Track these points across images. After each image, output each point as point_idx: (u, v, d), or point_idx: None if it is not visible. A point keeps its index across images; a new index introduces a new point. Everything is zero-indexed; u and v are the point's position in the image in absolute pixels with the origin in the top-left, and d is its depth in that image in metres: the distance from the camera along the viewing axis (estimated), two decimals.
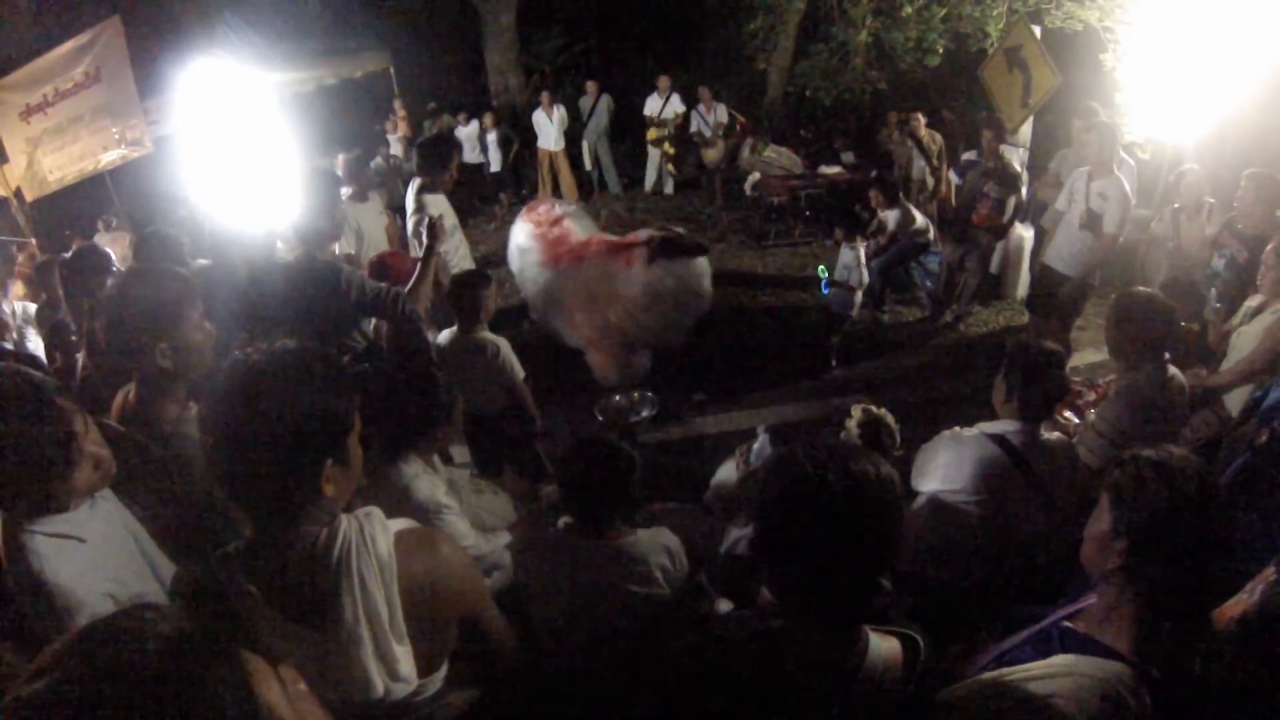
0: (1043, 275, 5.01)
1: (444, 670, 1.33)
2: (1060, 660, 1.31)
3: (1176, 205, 4.71)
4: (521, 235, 5.57)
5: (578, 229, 5.47)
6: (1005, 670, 1.32)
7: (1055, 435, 2.49)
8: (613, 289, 4.79)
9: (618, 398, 4.30)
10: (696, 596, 2.05)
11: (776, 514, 1.11)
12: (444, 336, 3.47)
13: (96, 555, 1.58)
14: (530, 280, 5.43)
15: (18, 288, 5.97)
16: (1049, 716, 1.19)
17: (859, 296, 5.44)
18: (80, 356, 3.64)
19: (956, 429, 2.44)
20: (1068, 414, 3.39)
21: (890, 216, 6.11)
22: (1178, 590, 1.32)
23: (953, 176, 6.48)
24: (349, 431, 1.19)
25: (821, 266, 5.75)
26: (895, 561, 1.10)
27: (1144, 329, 2.74)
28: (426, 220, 3.25)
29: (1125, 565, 1.33)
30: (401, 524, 1.30)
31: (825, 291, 5.53)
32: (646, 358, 5.26)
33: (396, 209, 7.73)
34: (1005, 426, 2.34)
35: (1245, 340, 3.42)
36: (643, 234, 4.63)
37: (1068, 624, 1.43)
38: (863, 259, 5.35)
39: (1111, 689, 1.22)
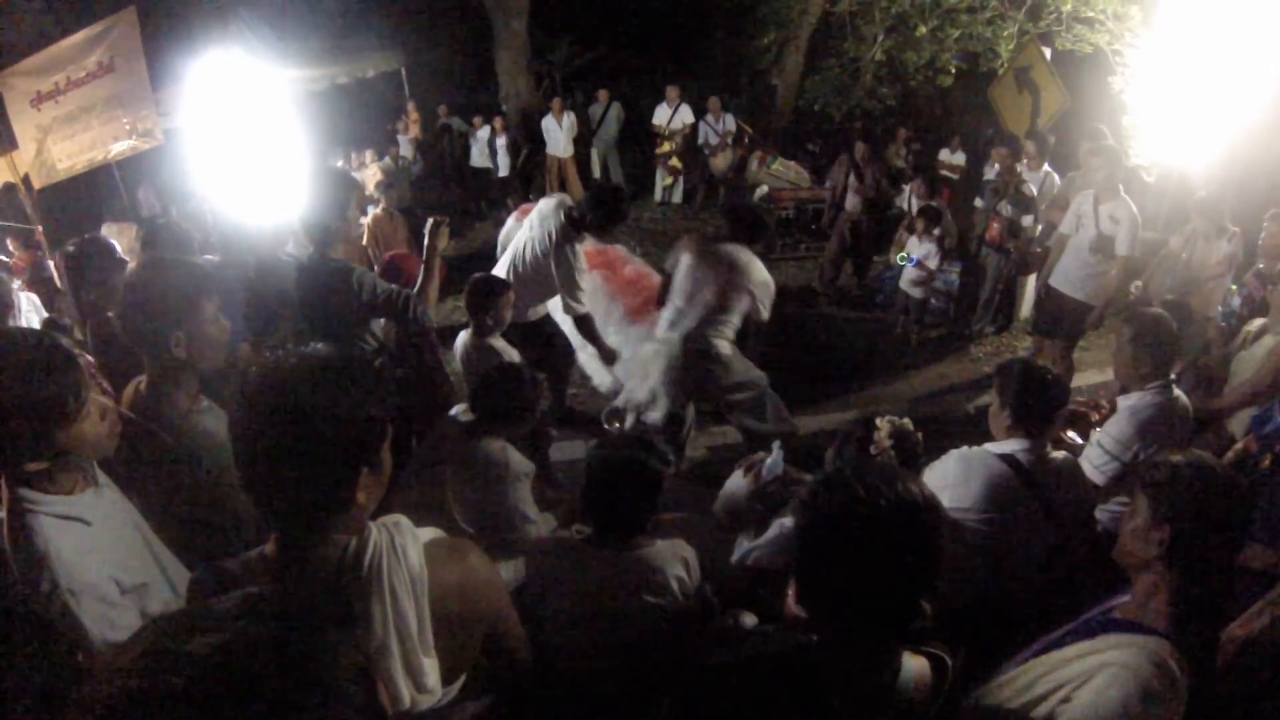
0: (1047, 296, 5.02)
1: (462, 679, 1.32)
2: (1109, 638, 1.43)
3: (1191, 226, 4.70)
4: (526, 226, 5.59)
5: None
6: (1054, 654, 1.45)
7: (1061, 453, 2.49)
8: (603, 320, 4.78)
9: (626, 406, 4.29)
10: (705, 609, 2.05)
11: (825, 534, 1.11)
12: (459, 341, 3.48)
13: (101, 539, 1.58)
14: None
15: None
16: (1108, 679, 1.33)
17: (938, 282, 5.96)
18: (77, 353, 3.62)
19: (965, 448, 2.44)
20: (1071, 434, 3.39)
21: (912, 241, 6.20)
22: (1212, 570, 1.46)
23: (977, 203, 6.51)
24: (384, 438, 1.17)
25: (901, 253, 6.11)
26: (937, 582, 1.10)
27: (1152, 349, 2.77)
28: (430, 222, 3.22)
29: (1167, 553, 1.45)
30: (429, 534, 1.29)
31: (913, 263, 5.98)
32: None
33: (404, 210, 7.78)
34: (1013, 446, 2.34)
35: (1247, 364, 3.44)
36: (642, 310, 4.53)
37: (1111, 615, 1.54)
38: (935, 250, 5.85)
39: (1160, 659, 1.34)
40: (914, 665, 1.16)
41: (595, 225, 3.88)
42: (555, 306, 5.30)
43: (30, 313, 4.80)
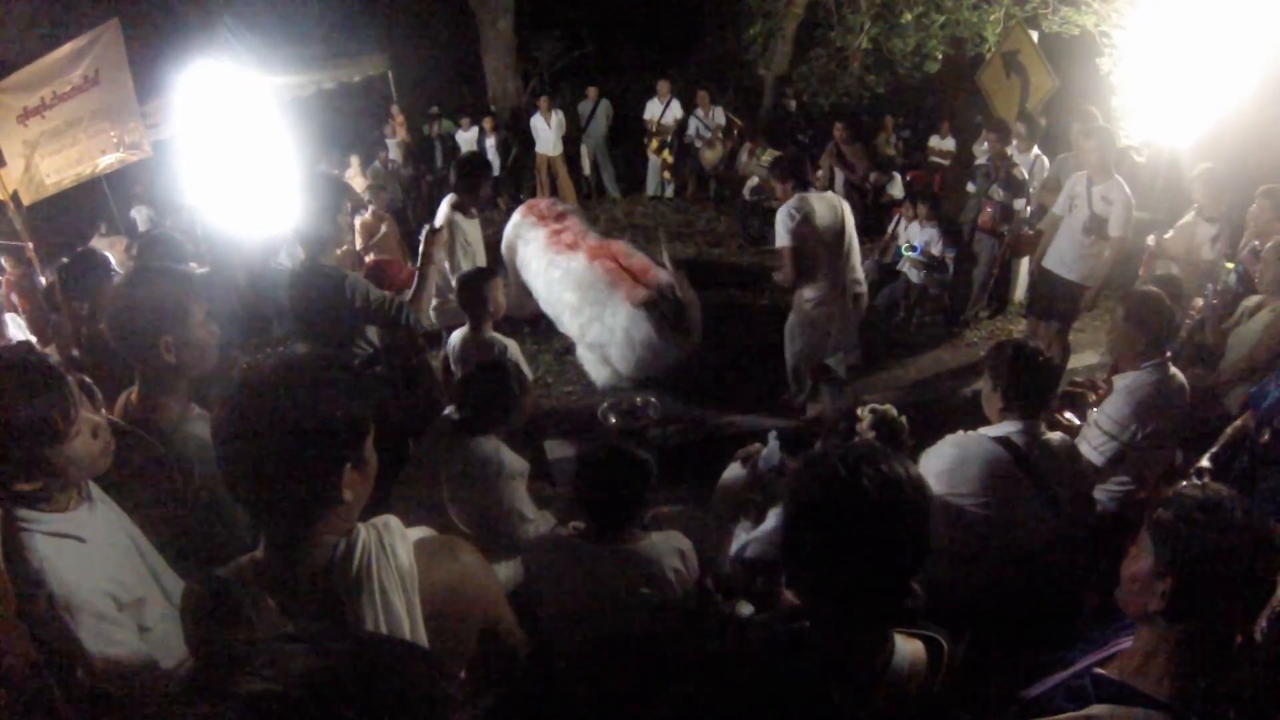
0: (1041, 278, 5.02)
1: (460, 678, 1.32)
2: (1097, 710, 1.27)
3: (1195, 208, 4.68)
4: (524, 227, 5.61)
5: (579, 223, 5.51)
6: None
7: (1057, 435, 2.50)
8: (599, 308, 4.87)
9: (622, 401, 4.30)
10: (704, 601, 2.06)
11: (809, 517, 1.10)
12: (455, 337, 3.47)
13: (96, 556, 1.57)
14: (532, 270, 5.48)
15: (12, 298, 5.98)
16: None
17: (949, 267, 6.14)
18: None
19: (960, 433, 2.44)
20: (1069, 415, 3.40)
21: (913, 228, 6.25)
22: (1221, 634, 1.28)
23: (969, 187, 6.52)
24: (367, 434, 1.18)
25: (904, 244, 6.22)
26: (925, 563, 1.09)
27: (1149, 327, 2.77)
28: (426, 229, 3.25)
29: (1169, 607, 1.27)
30: (419, 533, 1.30)
31: (917, 251, 6.11)
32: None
33: (394, 212, 7.77)
34: (1007, 428, 2.35)
35: (1243, 339, 3.44)
36: (643, 292, 4.79)
37: (1100, 671, 1.39)
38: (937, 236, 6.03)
39: None
40: (908, 648, 1.16)
41: (464, 191, 4.35)
42: (545, 300, 5.36)
43: (16, 334, 4.81)
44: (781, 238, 4.24)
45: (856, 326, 4.78)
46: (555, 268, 5.23)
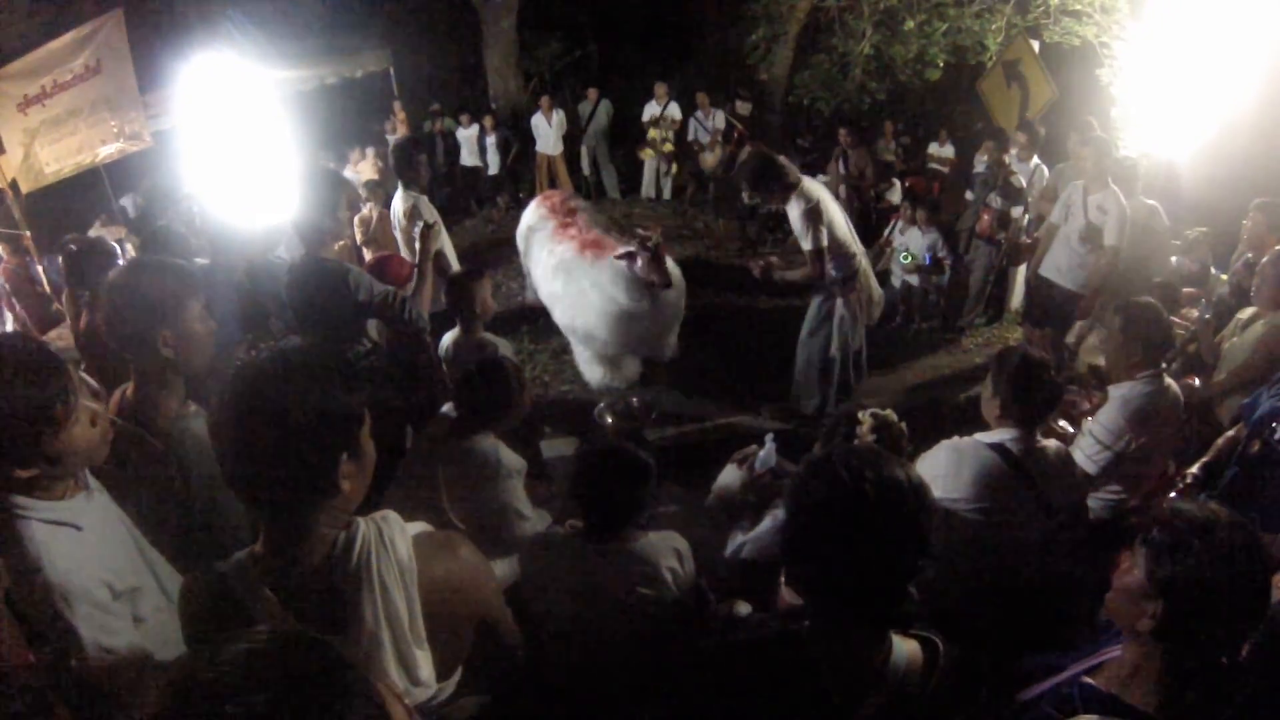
0: (1037, 286, 5.05)
1: (458, 674, 1.33)
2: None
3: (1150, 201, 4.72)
4: (533, 216, 5.65)
5: (587, 220, 5.54)
6: None
7: (1052, 442, 2.51)
8: (581, 284, 4.90)
9: (618, 401, 4.31)
10: (701, 601, 2.06)
11: (811, 519, 1.11)
12: (447, 339, 3.47)
13: (92, 544, 1.57)
14: (534, 260, 5.51)
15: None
16: None
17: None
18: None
19: (956, 438, 2.45)
20: (1063, 423, 3.41)
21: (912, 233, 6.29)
22: (1211, 653, 1.28)
23: (968, 195, 6.55)
24: (361, 425, 1.19)
25: (904, 252, 6.21)
26: (925, 566, 1.10)
27: (1146, 337, 2.78)
28: (422, 225, 3.26)
29: (1158, 628, 1.27)
30: (418, 527, 1.30)
31: (929, 260, 6.11)
32: (636, 363, 5.31)
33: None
34: (1003, 435, 2.35)
35: (1237, 351, 3.46)
36: (621, 249, 4.80)
37: (1088, 680, 1.40)
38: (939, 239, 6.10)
39: None
40: (905, 648, 1.17)
41: (402, 174, 4.63)
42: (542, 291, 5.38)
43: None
44: (809, 238, 4.18)
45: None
46: (552, 257, 5.26)
